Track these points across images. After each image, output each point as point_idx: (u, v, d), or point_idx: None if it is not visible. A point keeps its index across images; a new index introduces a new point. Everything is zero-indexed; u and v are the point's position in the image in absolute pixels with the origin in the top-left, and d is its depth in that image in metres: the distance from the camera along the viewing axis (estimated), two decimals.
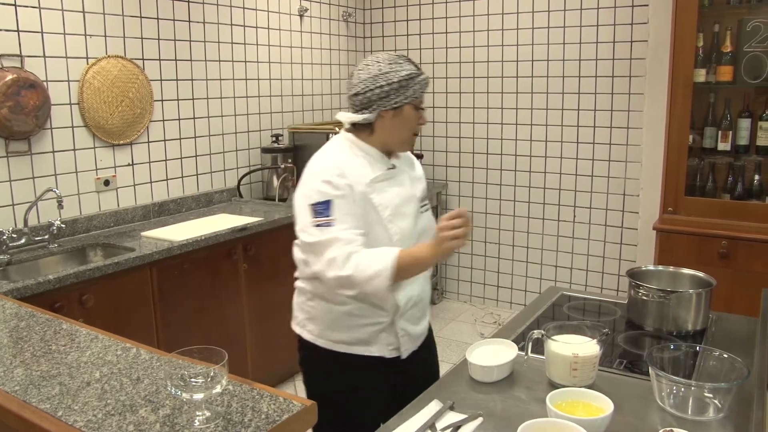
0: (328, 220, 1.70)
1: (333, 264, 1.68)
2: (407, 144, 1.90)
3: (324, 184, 1.74)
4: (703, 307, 1.93)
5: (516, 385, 1.63)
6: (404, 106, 1.80)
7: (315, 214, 1.72)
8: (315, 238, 1.71)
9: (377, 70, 1.79)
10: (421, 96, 1.84)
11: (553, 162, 4.32)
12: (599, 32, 4.02)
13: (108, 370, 1.39)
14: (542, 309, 2.22)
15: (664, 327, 1.92)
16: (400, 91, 1.78)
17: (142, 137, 3.35)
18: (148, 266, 2.71)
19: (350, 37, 4.87)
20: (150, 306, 2.74)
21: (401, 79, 1.78)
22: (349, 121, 1.86)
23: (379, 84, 1.78)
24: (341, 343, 1.87)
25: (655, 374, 1.46)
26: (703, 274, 2.07)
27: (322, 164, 1.81)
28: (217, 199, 3.80)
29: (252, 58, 3.99)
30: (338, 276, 1.68)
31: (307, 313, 1.92)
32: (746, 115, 3.27)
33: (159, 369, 1.39)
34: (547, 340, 1.61)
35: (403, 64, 1.80)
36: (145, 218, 3.37)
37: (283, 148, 4.00)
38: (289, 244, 1.95)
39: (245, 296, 3.22)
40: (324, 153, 1.87)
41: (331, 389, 1.90)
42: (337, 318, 1.85)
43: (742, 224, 3.15)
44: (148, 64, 3.33)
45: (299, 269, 1.92)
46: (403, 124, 1.83)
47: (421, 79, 1.82)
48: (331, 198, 1.72)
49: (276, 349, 3.43)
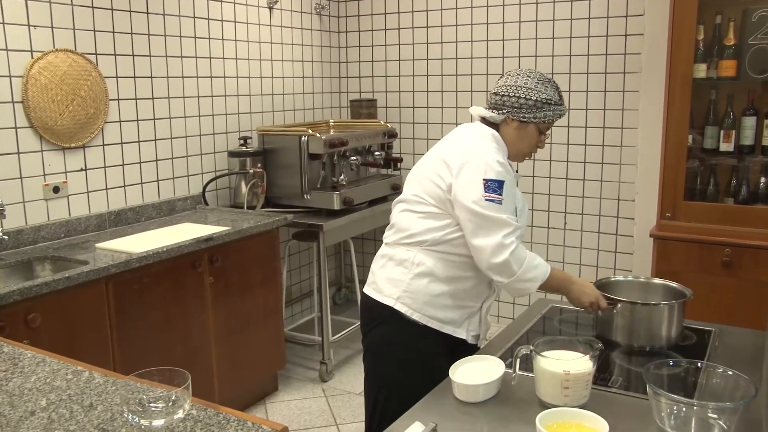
0: (499, 198, 1.97)
1: (504, 249, 1.95)
2: (520, 157, 2.19)
3: (498, 164, 1.99)
4: (676, 320, 1.99)
5: (503, 406, 1.63)
6: (530, 124, 2.10)
7: (486, 188, 1.97)
8: (489, 212, 1.95)
9: (523, 82, 2.08)
10: (550, 123, 2.12)
11: (542, 165, 4.34)
12: (591, 25, 4.05)
13: (56, 397, 1.36)
14: (531, 323, 2.23)
15: (635, 342, 1.98)
16: (532, 109, 2.07)
17: (97, 140, 3.31)
18: (104, 281, 2.67)
19: (323, 32, 4.87)
20: (105, 324, 2.70)
21: (538, 100, 2.07)
22: (479, 114, 2.17)
23: (517, 94, 2.08)
24: (435, 320, 2.10)
25: (654, 393, 1.46)
26: (676, 284, 2.14)
27: (489, 145, 2.07)
28: (180, 207, 3.77)
29: (217, 54, 3.97)
30: (504, 261, 1.95)
31: (407, 286, 2.10)
32: (751, 112, 3.30)
33: (114, 393, 1.37)
34: (537, 357, 1.61)
35: (548, 90, 2.08)
36: (100, 228, 3.32)
37: (251, 152, 3.98)
38: (259, 254, 1.97)
39: (211, 312, 3.20)
40: (482, 134, 2.12)
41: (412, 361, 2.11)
42: (438, 296, 2.09)
43: (746, 230, 3.17)
44: (102, 60, 3.30)
45: (415, 237, 2.10)
46: (523, 138, 2.13)
47: (557, 109, 2.09)
48: (504, 179, 1.99)
49: (245, 368, 3.41)
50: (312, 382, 3.90)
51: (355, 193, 3.97)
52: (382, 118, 4.86)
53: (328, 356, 3.92)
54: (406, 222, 2.12)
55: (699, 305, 3.16)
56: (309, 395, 3.75)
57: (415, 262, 2.09)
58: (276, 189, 4.01)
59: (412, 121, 4.77)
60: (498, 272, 1.98)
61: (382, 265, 2.19)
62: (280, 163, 3.97)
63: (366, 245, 5.07)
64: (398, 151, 4.80)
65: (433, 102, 4.68)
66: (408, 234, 2.11)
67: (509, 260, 1.95)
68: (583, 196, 4.24)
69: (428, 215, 2.08)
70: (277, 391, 3.80)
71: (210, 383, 3.23)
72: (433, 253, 2.08)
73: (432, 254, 2.08)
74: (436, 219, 2.07)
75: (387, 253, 2.18)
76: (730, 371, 1.53)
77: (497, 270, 1.98)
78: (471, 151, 2.03)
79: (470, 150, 2.04)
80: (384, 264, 2.18)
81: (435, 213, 2.07)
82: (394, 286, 2.12)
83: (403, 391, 2.02)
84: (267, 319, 3.57)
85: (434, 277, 2.08)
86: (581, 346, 1.66)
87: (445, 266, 2.08)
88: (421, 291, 2.08)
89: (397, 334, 2.12)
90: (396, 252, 2.14)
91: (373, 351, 2.21)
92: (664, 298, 2.08)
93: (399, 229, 2.15)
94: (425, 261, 2.08)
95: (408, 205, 2.14)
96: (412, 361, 2.10)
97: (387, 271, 2.16)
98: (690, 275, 3.22)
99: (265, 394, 3.73)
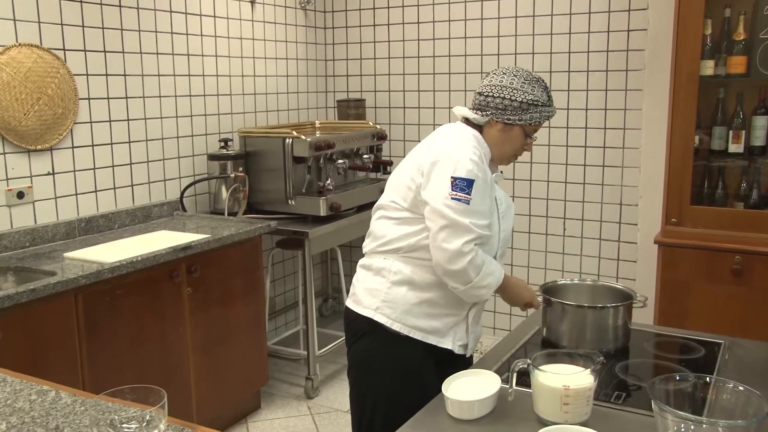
0: (467, 197, 1.97)
1: (462, 257, 1.96)
2: (504, 160, 2.20)
3: (470, 162, 1.99)
4: (622, 323, 2.09)
5: (500, 423, 1.62)
6: (516, 126, 2.10)
7: (454, 187, 1.97)
8: (453, 214, 1.96)
9: (509, 82, 2.07)
10: (538, 125, 2.12)
11: (540, 168, 4.34)
12: (591, 20, 4.06)
13: (18, 420, 1.34)
14: (529, 335, 2.22)
15: (581, 346, 2.05)
16: (517, 111, 2.06)
17: (65, 142, 3.29)
18: (73, 293, 2.65)
19: (309, 28, 4.86)
20: (74, 340, 2.67)
21: (524, 101, 2.05)
22: (462, 115, 2.17)
23: (502, 95, 2.07)
24: (417, 330, 2.11)
25: (659, 409, 1.44)
26: (622, 286, 2.25)
27: (466, 144, 2.06)
28: (156, 213, 3.75)
29: (196, 51, 3.95)
30: (461, 269, 1.97)
31: (385, 296, 2.12)
32: (762, 111, 3.31)
33: (83, 414, 1.35)
34: (534, 371, 1.60)
35: (536, 90, 2.07)
36: (69, 237, 3.30)
37: (233, 155, 3.97)
38: (241, 263, 1.99)
39: (189, 325, 3.18)
40: (460, 134, 2.12)
41: (396, 374, 2.12)
42: (418, 304, 2.10)
43: (757, 236, 3.17)
44: (70, 56, 3.27)
45: (391, 244, 2.13)
46: (507, 141, 2.13)
47: (544, 110, 2.08)
48: (474, 178, 1.98)
49: (226, 385, 3.39)
50: (297, 399, 3.89)
51: (342, 198, 3.96)
52: (371, 119, 4.86)
53: (314, 371, 3.90)
54: (383, 229, 2.16)
55: (707, 316, 3.18)
56: (294, 413, 3.73)
57: (392, 270, 2.12)
58: (258, 194, 4.00)
59: (403, 123, 4.77)
60: (453, 278, 2.01)
61: (362, 276, 2.21)
62: (263, 167, 3.97)
63: (354, 253, 5.05)
64: (388, 154, 4.79)
65: (425, 102, 4.67)
66: (384, 241, 2.14)
67: (466, 268, 1.98)
68: (584, 201, 4.24)
69: (403, 221, 2.11)
70: (260, 409, 3.78)
71: (188, 401, 3.21)
72: (411, 259, 2.10)
73: (409, 261, 2.11)
74: (411, 224, 2.09)
75: (365, 263, 2.21)
76: (742, 386, 1.52)
77: (453, 276, 2.01)
78: (443, 150, 2.05)
79: (443, 149, 2.06)
80: (363, 274, 2.21)
81: (409, 218, 2.09)
82: (372, 296, 2.14)
83: (390, 407, 2.03)
84: (249, 332, 3.56)
85: (413, 284, 2.10)
86: (581, 360, 1.66)
87: (424, 273, 2.09)
88: (400, 300, 2.10)
89: (379, 346, 2.14)
90: (374, 261, 2.17)
91: (357, 365, 2.22)
92: (611, 301, 2.15)
93: (376, 237, 2.18)
94: (403, 269, 2.11)
95: (385, 212, 2.17)
96: (397, 374, 2.11)
97: (366, 282, 2.18)
98: (697, 284, 3.23)
99: (247, 412, 3.71)
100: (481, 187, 2.01)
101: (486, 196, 2.05)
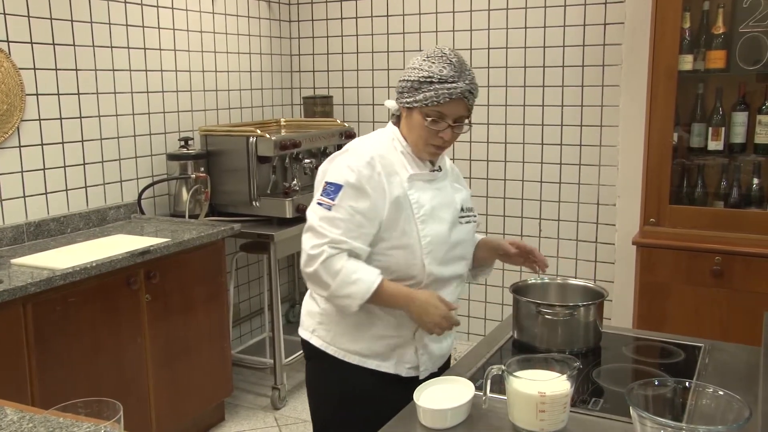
0: (329, 203, 1.91)
1: (312, 259, 1.89)
2: (422, 152, 2.01)
3: (346, 168, 1.92)
4: (593, 323, 2.11)
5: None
6: (414, 110, 1.94)
7: (323, 192, 1.94)
8: (308, 217, 1.95)
9: (413, 62, 1.94)
10: (435, 108, 1.90)
11: (514, 167, 4.36)
12: (567, 13, 4.09)
13: None
14: (503, 340, 2.22)
15: (553, 346, 2.07)
16: (411, 92, 1.92)
17: (11, 140, 3.23)
18: (21, 301, 2.61)
19: (273, 21, 4.84)
20: (23, 352, 2.63)
21: (417, 79, 1.90)
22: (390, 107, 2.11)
23: (405, 76, 1.94)
24: (354, 353, 2.02)
25: (638, 416, 1.45)
26: (593, 284, 2.28)
27: (357, 149, 1.98)
28: (112, 216, 3.71)
29: (153, 45, 3.92)
30: (313, 272, 1.89)
31: (320, 317, 2.07)
32: (742, 107, 3.34)
33: None
34: (509, 377, 1.60)
35: (434, 66, 1.88)
36: (17, 242, 3.25)
37: (193, 154, 3.95)
38: (203, 268, 2.00)
39: (148, 334, 3.15)
40: (364, 138, 2.08)
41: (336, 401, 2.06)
42: (353, 325, 2.00)
43: (738, 236, 3.20)
44: (15, 48, 3.22)
45: None
46: (411, 128, 1.98)
47: (440, 88, 1.87)
48: (343, 183, 1.90)
49: (187, 397, 3.36)
50: (263, 410, 3.87)
51: (309, 199, 3.91)
52: (339, 116, 4.85)
53: (280, 381, 3.88)
54: None
55: (687, 318, 3.21)
56: (260, 425, 3.71)
57: None
58: (221, 196, 3.98)
59: (372, 120, 4.76)
60: (312, 283, 1.95)
61: (306, 295, 2.16)
62: (226, 167, 3.95)
63: None
64: None
65: None
66: None
67: (318, 271, 1.88)
68: (560, 201, 4.27)
69: None
70: (224, 421, 3.76)
71: (146, 415, 3.18)
72: None
73: None
74: None
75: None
76: (722, 391, 1.52)
77: (310, 280, 1.94)
78: (339, 155, 2.01)
79: (340, 153, 2.02)
80: (307, 293, 2.15)
81: None
82: (310, 317, 2.11)
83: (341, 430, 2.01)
84: (212, 340, 3.53)
85: None
86: (558, 365, 1.65)
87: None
88: (334, 321, 2.04)
89: (322, 370, 2.10)
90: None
91: (307, 390, 2.19)
92: (582, 300, 2.16)
93: None
94: None
95: None
96: (343, 400, 2.06)
97: (306, 302, 2.16)
98: (677, 286, 3.26)
99: (210, 425, 3.69)
100: (351, 194, 1.90)
101: (360, 202, 1.90)
